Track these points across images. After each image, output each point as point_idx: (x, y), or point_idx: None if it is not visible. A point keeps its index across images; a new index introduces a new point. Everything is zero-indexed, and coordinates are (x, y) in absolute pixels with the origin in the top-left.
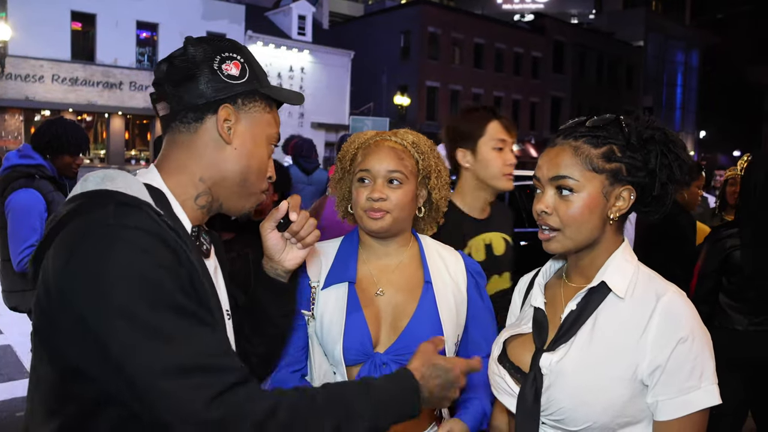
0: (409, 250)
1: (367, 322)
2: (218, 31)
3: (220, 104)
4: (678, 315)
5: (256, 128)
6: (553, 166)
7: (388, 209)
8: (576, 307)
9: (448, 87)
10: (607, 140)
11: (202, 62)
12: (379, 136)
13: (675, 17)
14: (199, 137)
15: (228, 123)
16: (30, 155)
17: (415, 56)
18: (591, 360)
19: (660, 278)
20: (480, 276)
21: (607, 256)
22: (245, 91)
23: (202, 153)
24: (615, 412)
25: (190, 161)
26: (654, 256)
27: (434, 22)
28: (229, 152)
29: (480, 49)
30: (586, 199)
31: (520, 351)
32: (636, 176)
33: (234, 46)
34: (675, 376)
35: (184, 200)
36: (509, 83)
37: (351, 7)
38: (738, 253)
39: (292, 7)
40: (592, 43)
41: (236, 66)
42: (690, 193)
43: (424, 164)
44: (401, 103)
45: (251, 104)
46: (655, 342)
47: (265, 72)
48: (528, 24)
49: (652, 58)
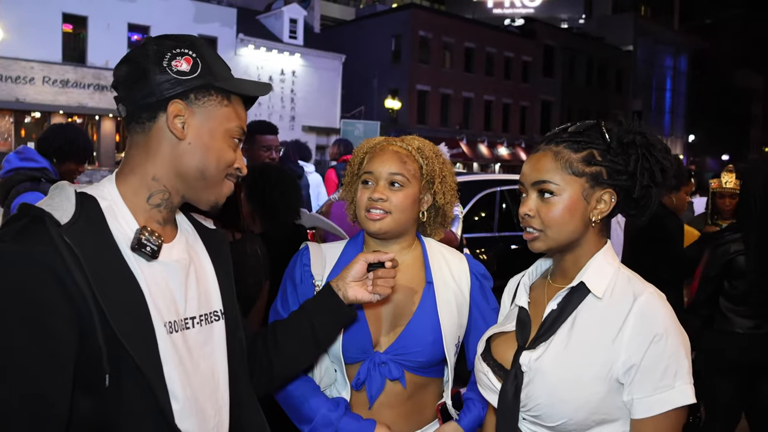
0: (412, 252)
1: (368, 322)
2: (210, 34)
3: (170, 101)
4: (653, 315)
5: (211, 122)
6: (534, 171)
7: (389, 210)
8: (557, 307)
9: (439, 91)
10: (587, 145)
11: (152, 60)
12: (386, 141)
13: (664, 22)
14: (153, 136)
15: (180, 119)
16: (33, 158)
17: (405, 60)
18: (568, 358)
19: (639, 279)
20: (485, 278)
21: (589, 257)
22: (198, 86)
23: (157, 151)
24: (590, 409)
25: (145, 161)
26: (642, 258)
27: (425, 26)
28: (184, 148)
29: (470, 53)
30: (566, 202)
31: (503, 348)
32: (617, 179)
33: (188, 42)
34: (650, 375)
35: (135, 203)
36: (499, 87)
37: (342, 11)
38: (742, 258)
39: (284, 10)
40: (582, 48)
41: (187, 61)
42: (678, 197)
43: (428, 168)
44: (392, 107)
45: (205, 98)
46: (630, 341)
47: (226, 66)
48: (518, 28)
49: (642, 63)
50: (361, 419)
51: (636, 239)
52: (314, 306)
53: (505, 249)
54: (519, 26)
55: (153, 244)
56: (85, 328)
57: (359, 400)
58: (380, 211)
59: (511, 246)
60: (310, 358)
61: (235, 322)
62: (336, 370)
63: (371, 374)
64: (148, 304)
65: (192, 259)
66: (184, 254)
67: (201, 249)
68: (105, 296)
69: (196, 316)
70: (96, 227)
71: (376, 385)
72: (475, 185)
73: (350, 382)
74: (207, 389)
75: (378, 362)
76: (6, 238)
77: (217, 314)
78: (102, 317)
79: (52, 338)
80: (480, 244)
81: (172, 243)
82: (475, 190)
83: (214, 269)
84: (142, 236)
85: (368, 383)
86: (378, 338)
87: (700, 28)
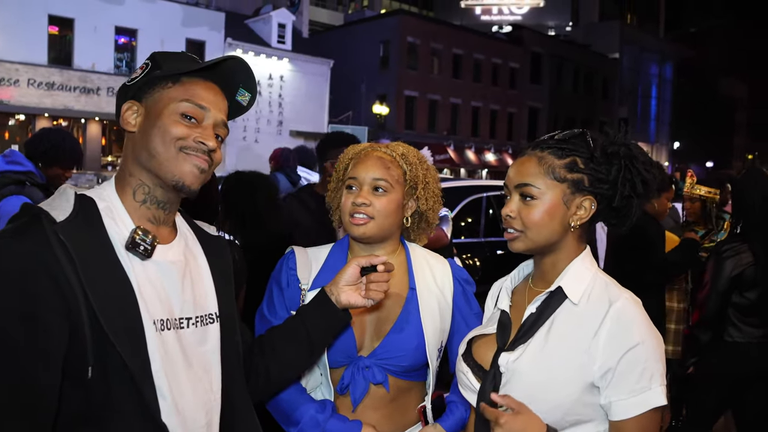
0: (396, 258)
1: (353, 327)
2: (197, 38)
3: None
4: (629, 320)
5: (156, 105)
6: (518, 174)
7: (372, 215)
8: (535, 311)
9: (427, 96)
10: (571, 152)
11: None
12: (371, 147)
13: (650, 30)
14: (125, 142)
15: (131, 114)
16: (19, 161)
17: (393, 66)
18: (544, 360)
19: (616, 285)
20: (468, 283)
21: (568, 262)
22: (145, 82)
23: (126, 152)
24: (565, 410)
25: (124, 163)
26: (625, 264)
27: (413, 32)
28: (137, 138)
29: (458, 60)
30: (546, 205)
31: (484, 350)
32: (598, 188)
33: (150, 56)
34: (626, 379)
35: (128, 202)
36: (487, 93)
37: (331, 16)
38: (752, 269)
39: (272, 15)
40: (569, 55)
41: (141, 69)
42: (660, 203)
43: (412, 174)
44: (380, 113)
45: (151, 89)
46: (606, 346)
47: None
48: (506, 35)
49: (628, 70)
50: (347, 420)
51: (618, 245)
52: (309, 311)
53: (492, 254)
54: (507, 33)
55: (147, 244)
56: (74, 322)
57: (343, 404)
58: (364, 215)
59: (497, 251)
60: (306, 363)
61: (231, 326)
62: (321, 374)
63: (355, 378)
64: (138, 301)
65: (188, 262)
66: (181, 256)
67: (199, 253)
68: (95, 292)
69: (192, 317)
70: (92, 226)
71: (360, 389)
72: (461, 191)
73: (335, 386)
74: (199, 389)
75: (362, 366)
76: (5, 234)
77: (212, 317)
78: (90, 312)
79: (43, 331)
80: (466, 250)
81: (170, 245)
82: (462, 195)
83: (211, 273)
84: (136, 236)
85: (352, 387)
86: (362, 343)
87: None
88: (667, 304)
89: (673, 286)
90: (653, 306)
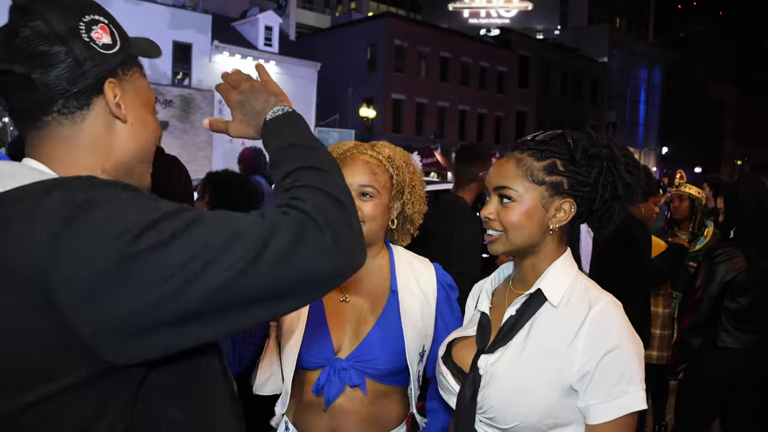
0: (380, 260)
1: (330, 328)
2: (185, 40)
3: (105, 81)
4: (608, 324)
5: (142, 96)
6: (496, 176)
7: (360, 219)
8: (515, 313)
9: (414, 100)
10: (551, 154)
11: (68, 35)
12: (356, 149)
13: (638, 34)
14: (90, 125)
15: (117, 99)
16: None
17: (381, 69)
18: (523, 363)
19: (596, 288)
20: (451, 288)
21: (548, 264)
22: (123, 60)
23: (97, 142)
24: (543, 414)
25: (84, 156)
26: (611, 269)
27: (400, 35)
28: (126, 131)
29: (446, 63)
30: (524, 208)
31: (463, 352)
32: (578, 190)
33: (88, 5)
34: (604, 383)
35: None
36: (474, 97)
37: (318, 19)
38: (744, 274)
39: (259, 17)
40: (557, 58)
41: (105, 31)
42: (647, 207)
43: (398, 179)
44: (367, 116)
45: (131, 71)
46: (585, 349)
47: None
48: (494, 38)
49: (616, 74)
50: None
51: (604, 249)
52: None
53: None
54: (494, 36)
55: None
56: None
57: (319, 405)
58: None
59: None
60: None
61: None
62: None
63: (331, 379)
64: None
65: None
66: None
67: None
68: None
69: None
70: None
71: (335, 389)
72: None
73: (310, 388)
74: None
75: (338, 368)
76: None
77: None
78: None
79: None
80: None
81: None
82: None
83: None
84: None
85: (326, 387)
86: (340, 345)
87: (674, 41)
88: (652, 309)
89: (659, 291)
90: (638, 311)
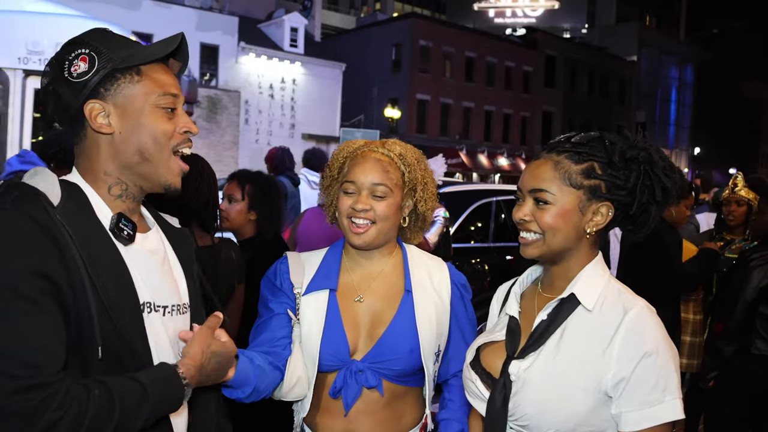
0: (393, 259)
1: (346, 330)
2: (211, 42)
3: (84, 104)
4: (644, 329)
5: (132, 104)
6: (532, 179)
7: (373, 219)
8: (546, 317)
9: (439, 100)
10: (589, 157)
11: (56, 76)
12: (367, 147)
13: (669, 32)
14: (89, 141)
15: (102, 116)
16: (33, 161)
17: (406, 69)
18: (556, 369)
19: (630, 292)
20: (465, 288)
21: (580, 268)
22: (102, 78)
23: (97, 152)
24: (578, 421)
25: (91, 163)
26: (639, 272)
27: (426, 35)
28: (118, 140)
29: (471, 63)
30: (561, 210)
31: (492, 357)
32: (616, 194)
33: (81, 42)
34: (638, 389)
35: (102, 193)
36: (500, 97)
37: (343, 20)
38: None
39: (285, 19)
40: (584, 58)
41: (83, 60)
42: (678, 210)
43: (410, 176)
44: (392, 116)
45: (114, 85)
46: (620, 355)
47: (129, 41)
48: (520, 38)
49: (646, 73)
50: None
51: (633, 253)
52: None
53: (500, 259)
54: (520, 36)
55: (129, 229)
56: (79, 300)
57: (335, 408)
58: (364, 221)
59: (506, 256)
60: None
61: (199, 319)
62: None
63: (348, 382)
64: (135, 283)
65: (166, 252)
66: (160, 246)
67: (167, 244)
68: (96, 271)
69: (168, 305)
70: (83, 211)
71: (352, 393)
72: (470, 195)
73: (327, 391)
74: None
75: (355, 370)
76: (6, 206)
77: (186, 306)
78: (93, 290)
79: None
80: (474, 255)
81: (146, 234)
82: (471, 200)
83: (180, 266)
84: (120, 222)
85: (344, 391)
86: (355, 346)
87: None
88: (682, 315)
89: (690, 297)
90: (667, 317)
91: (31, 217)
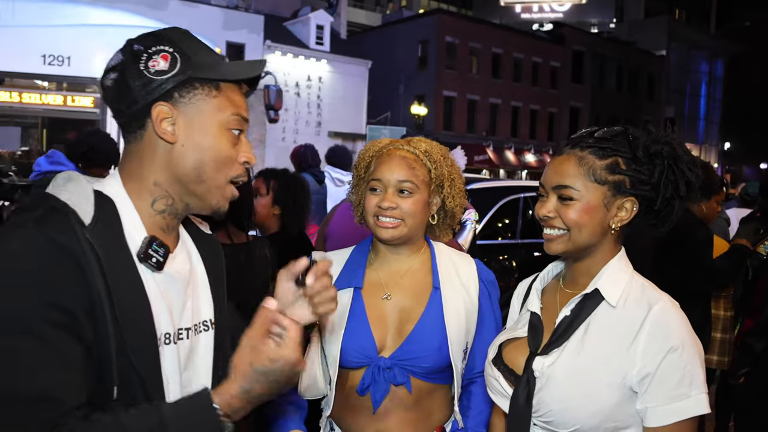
0: (421, 256)
1: (372, 327)
2: (237, 40)
3: (153, 104)
4: (669, 324)
5: (202, 117)
6: (556, 175)
7: (400, 217)
8: (570, 313)
9: (466, 96)
10: (613, 152)
11: (129, 66)
12: (393, 145)
13: (699, 26)
14: (146, 143)
15: (168, 121)
16: (61, 162)
17: (432, 66)
18: (581, 365)
19: (654, 288)
20: (492, 286)
21: (603, 263)
22: (180, 83)
23: (152, 158)
24: (603, 417)
25: (142, 168)
26: (669, 268)
27: (452, 31)
28: (178, 151)
29: (498, 59)
30: (585, 206)
31: (515, 354)
32: (640, 189)
33: (164, 38)
34: (665, 384)
35: (141, 206)
36: (527, 93)
37: (369, 17)
38: None
39: (311, 17)
40: (613, 53)
41: (164, 58)
42: (708, 206)
43: (437, 173)
44: (418, 113)
45: (191, 94)
46: (645, 350)
47: (213, 52)
48: (547, 33)
49: (675, 68)
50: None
51: (663, 249)
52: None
53: (528, 256)
54: (547, 31)
55: (160, 256)
56: (100, 333)
57: (363, 406)
58: (391, 219)
59: (534, 253)
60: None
61: (225, 334)
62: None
63: (376, 379)
64: (154, 315)
65: (191, 270)
66: (186, 264)
67: (196, 256)
68: (120, 305)
69: (191, 327)
70: (112, 231)
71: (381, 391)
72: (498, 191)
73: (354, 388)
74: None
75: (383, 367)
76: (28, 224)
77: (206, 324)
78: (114, 323)
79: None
80: (502, 251)
81: (174, 253)
82: (498, 196)
83: (207, 278)
84: (150, 247)
85: (373, 388)
86: (383, 343)
87: (737, 31)
88: (713, 311)
89: (720, 294)
90: (698, 314)
91: (54, 242)
